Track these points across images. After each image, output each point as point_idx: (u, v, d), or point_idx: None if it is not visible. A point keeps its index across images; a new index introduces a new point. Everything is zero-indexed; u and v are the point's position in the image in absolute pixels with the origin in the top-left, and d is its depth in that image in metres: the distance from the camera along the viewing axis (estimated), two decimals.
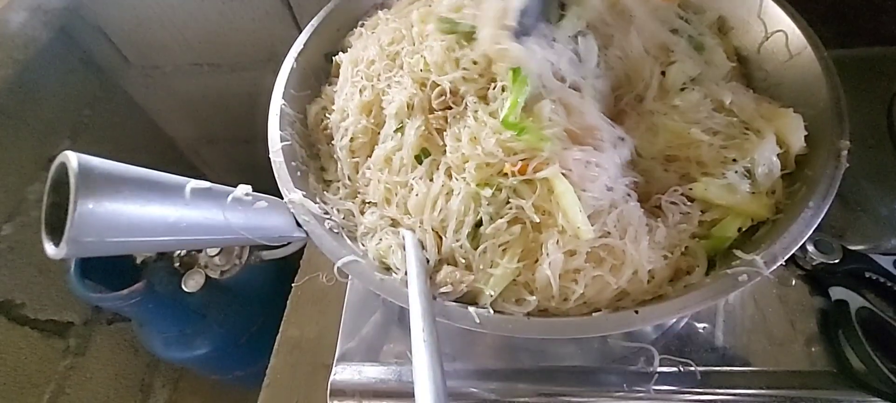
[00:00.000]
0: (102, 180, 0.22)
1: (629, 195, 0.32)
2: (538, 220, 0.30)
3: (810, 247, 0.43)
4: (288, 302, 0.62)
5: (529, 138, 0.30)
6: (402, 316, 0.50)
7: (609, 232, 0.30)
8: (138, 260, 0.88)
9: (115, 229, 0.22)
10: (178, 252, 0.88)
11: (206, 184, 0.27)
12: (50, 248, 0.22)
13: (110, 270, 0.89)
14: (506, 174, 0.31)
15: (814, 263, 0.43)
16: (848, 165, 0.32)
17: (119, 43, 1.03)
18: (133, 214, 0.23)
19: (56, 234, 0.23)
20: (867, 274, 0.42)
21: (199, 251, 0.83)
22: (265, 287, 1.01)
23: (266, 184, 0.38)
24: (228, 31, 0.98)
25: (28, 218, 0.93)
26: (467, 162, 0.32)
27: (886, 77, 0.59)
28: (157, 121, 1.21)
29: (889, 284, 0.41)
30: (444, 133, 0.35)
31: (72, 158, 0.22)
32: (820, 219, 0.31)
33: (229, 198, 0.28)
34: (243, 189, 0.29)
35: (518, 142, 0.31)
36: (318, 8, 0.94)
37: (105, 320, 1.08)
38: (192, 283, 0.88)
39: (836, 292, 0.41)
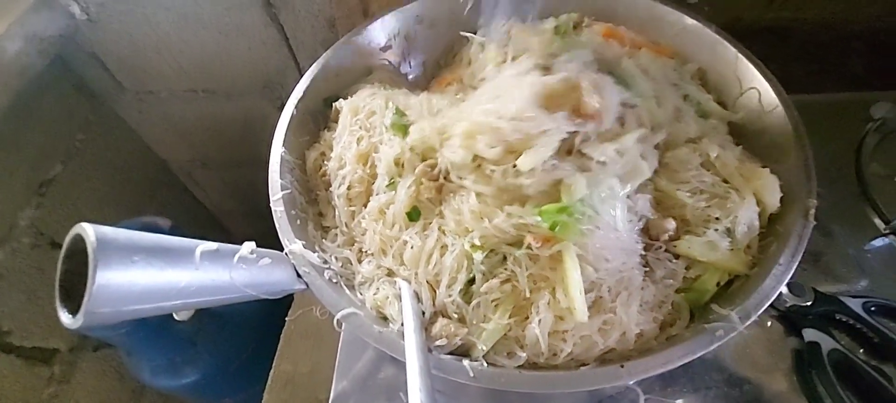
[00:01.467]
0: (118, 251, 0.23)
1: (636, 267, 0.34)
2: (529, 295, 0.32)
3: (784, 290, 0.46)
4: (281, 336, 0.62)
5: (561, 232, 0.31)
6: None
7: (602, 297, 0.32)
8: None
9: (130, 298, 0.23)
10: None
11: (214, 245, 0.28)
12: (66, 318, 0.23)
13: None
14: (519, 243, 0.32)
15: (787, 305, 0.45)
16: (815, 223, 0.35)
17: (114, 69, 1.04)
18: (147, 283, 0.24)
19: (70, 302, 0.24)
20: (838, 317, 0.44)
21: None
22: (257, 314, 1.01)
23: (259, 205, 0.39)
24: (224, 58, 1.00)
25: (18, 245, 0.92)
26: (470, 232, 0.33)
27: (854, 121, 0.62)
28: (151, 145, 1.21)
29: (859, 326, 0.44)
30: (437, 201, 0.36)
31: (89, 231, 0.23)
32: (790, 275, 0.33)
33: (236, 258, 0.29)
34: (248, 247, 0.31)
35: (533, 221, 0.32)
36: (315, 40, 0.97)
37: (91, 347, 1.06)
38: (182, 312, 0.88)
39: (809, 334, 0.43)
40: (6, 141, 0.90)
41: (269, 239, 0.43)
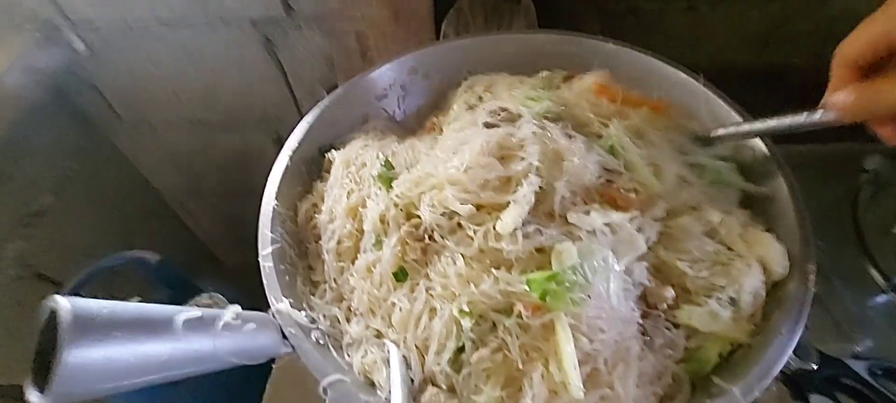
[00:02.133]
0: (92, 327, 0.22)
1: (633, 336, 0.33)
2: (522, 366, 0.30)
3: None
4: (267, 384, 0.60)
5: (552, 302, 0.30)
6: None
7: (598, 369, 0.31)
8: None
9: (106, 376, 0.22)
10: None
11: (198, 312, 0.27)
12: (33, 396, 0.22)
13: None
14: (508, 311, 0.31)
15: (792, 369, 0.44)
16: (815, 290, 0.34)
17: (111, 98, 1.04)
18: (125, 358, 0.23)
19: (41, 378, 0.22)
20: (843, 380, 0.43)
21: None
22: None
23: (251, 235, 0.38)
24: (221, 91, 1.00)
25: (4, 278, 0.90)
26: (456, 299, 0.32)
27: (847, 172, 0.63)
28: (145, 174, 1.20)
29: (865, 392, 0.42)
30: (423, 262, 0.36)
31: (63, 305, 0.22)
32: (794, 344, 0.32)
33: (220, 325, 0.28)
34: (232, 311, 0.29)
35: (521, 288, 0.31)
36: (312, 77, 0.97)
37: None
38: None
39: (816, 400, 0.42)
40: None
41: (258, 270, 0.41)
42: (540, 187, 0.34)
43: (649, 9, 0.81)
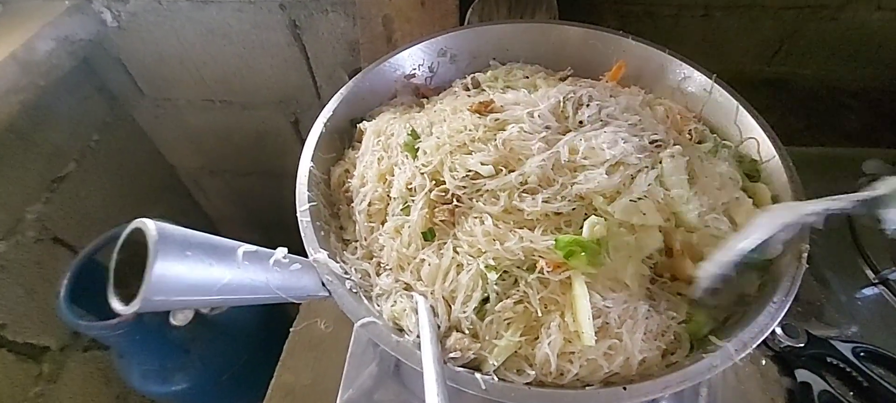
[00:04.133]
0: (173, 245, 0.25)
1: (640, 298, 0.36)
2: (541, 316, 0.34)
3: (779, 331, 0.48)
4: (285, 346, 0.63)
5: (574, 262, 0.34)
6: (397, 369, 0.52)
7: (608, 324, 0.34)
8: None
9: (181, 289, 0.25)
10: None
11: (254, 248, 0.30)
12: (117, 305, 0.25)
13: (97, 296, 0.88)
14: (531, 267, 0.35)
15: (782, 346, 0.47)
16: (808, 266, 0.37)
17: (136, 75, 1.07)
18: (196, 276, 0.26)
19: (121, 289, 0.25)
20: (829, 360, 0.46)
21: None
22: (252, 326, 1.01)
23: (258, 214, 0.40)
24: (245, 73, 1.03)
25: (24, 239, 0.93)
26: (482, 255, 0.36)
27: (847, 175, 0.66)
28: (162, 150, 1.23)
29: (849, 370, 0.46)
30: (451, 223, 0.39)
31: (150, 225, 0.25)
32: (784, 312, 0.35)
33: (271, 261, 0.31)
34: (282, 251, 0.32)
35: (544, 246, 0.35)
36: (335, 61, 1.00)
37: (81, 347, 1.05)
38: (180, 317, 0.88)
39: (801, 374, 0.45)
40: (25, 136, 0.92)
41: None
42: None
43: (666, 13, 0.85)
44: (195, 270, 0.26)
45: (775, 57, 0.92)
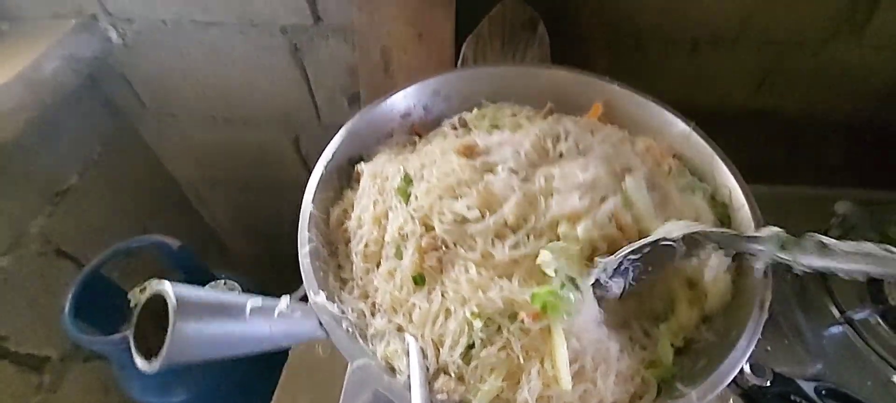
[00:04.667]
0: (190, 308, 0.28)
1: (610, 336, 0.40)
2: (522, 362, 0.37)
3: (747, 369, 0.51)
4: (283, 369, 0.65)
5: (551, 313, 0.37)
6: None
7: (584, 367, 0.37)
8: (132, 304, 0.90)
9: (197, 348, 0.28)
10: None
11: (259, 301, 0.33)
12: (141, 363, 0.28)
13: (103, 310, 0.91)
14: (513, 317, 0.38)
15: (749, 385, 0.50)
16: (769, 316, 0.40)
17: (140, 90, 1.09)
18: (210, 334, 0.28)
19: (143, 349, 0.28)
20: (793, 398, 0.49)
21: None
22: None
23: (258, 226, 0.43)
24: (247, 91, 1.06)
25: (27, 252, 0.95)
26: (467, 303, 0.39)
27: (821, 214, 0.69)
28: (164, 162, 1.25)
29: None
30: (439, 270, 0.42)
31: (169, 290, 0.27)
32: (746, 359, 0.39)
33: (276, 313, 0.34)
34: (285, 302, 0.35)
35: (523, 298, 0.38)
36: (334, 84, 1.03)
37: (82, 357, 1.07)
38: None
39: None
40: (29, 150, 0.94)
41: (264, 260, 0.47)
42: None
43: (655, 48, 0.88)
44: (209, 329, 0.29)
45: (759, 89, 0.95)
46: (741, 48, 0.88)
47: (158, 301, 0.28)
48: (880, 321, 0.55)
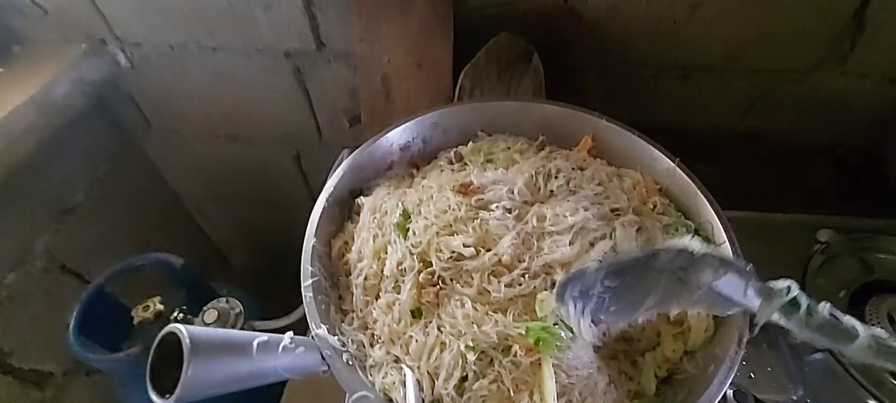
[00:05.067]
0: (202, 349, 0.30)
1: (600, 369, 0.42)
2: (513, 395, 0.39)
3: (730, 396, 0.53)
4: (284, 389, 0.67)
5: (543, 347, 0.39)
6: None
7: (571, 401, 0.39)
8: (135, 321, 0.92)
9: (207, 386, 0.30)
10: (175, 314, 0.93)
11: (265, 337, 0.35)
12: (156, 399, 0.30)
13: (105, 326, 0.92)
14: (506, 350, 0.40)
15: None
16: (751, 343, 0.43)
17: (146, 110, 1.12)
18: (220, 373, 0.31)
19: (157, 387, 0.30)
20: None
21: (195, 315, 0.88)
22: None
23: (260, 240, 0.44)
24: (250, 111, 1.09)
25: (32, 269, 0.97)
26: (462, 336, 0.41)
27: (805, 241, 0.72)
28: (167, 178, 1.28)
29: None
30: (436, 304, 0.44)
31: (184, 332, 0.30)
32: (724, 391, 0.41)
33: (280, 348, 0.36)
34: (288, 337, 0.38)
35: (516, 332, 0.40)
36: (336, 106, 1.06)
37: (83, 372, 1.09)
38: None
39: None
40: (37, 170, 0.97)
41: (264, 272, 0.49)
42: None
43: (647, 74, 0.91)
44: (219, 367, 0.31)
45: (747, 114, 0.98)
46: (729, 76, 0.91)
47: (172, 338, 0.30)
48: None
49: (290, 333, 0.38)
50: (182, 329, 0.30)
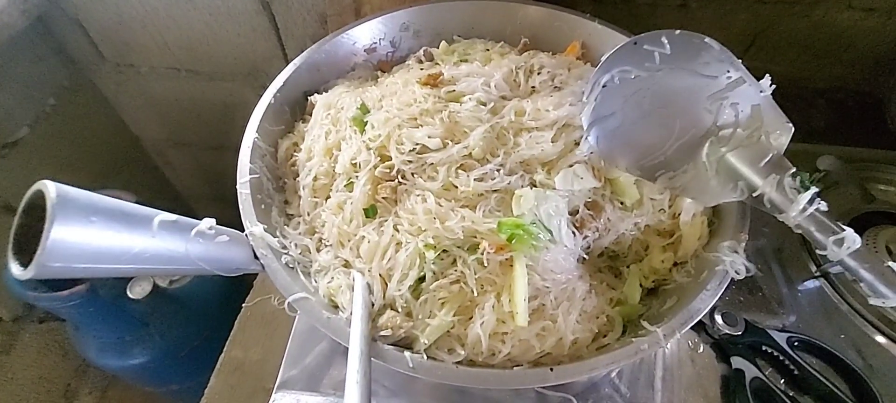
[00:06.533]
0: (77, 209, 0.23)
1: (581, 277, 0.36)
2: (476, 296, 0.34)
3: (718, 318, 0.49)
4: (236, 321, 0.62)
5: (517, 245, 0.34)
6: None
7: (544, 305, 0.34)
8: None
9: (83, 256, 0.24)
10: None
11: (174, 217, 0.29)
12: (16, 269, 0.23)
13: None
14: (473, 248, 0.34)
15: (720, 333, 0.48)
16: (745, 258, 0.38)
17: (96, 38, 1.02)
18: (101, 244, 0.24)
19: (23, 255, 0.24)
20: (764, 348, 0.48)
21: None
22: (213, 301, 0.99)
23: (229, 190, 0.39)
24: (212, 41, 0.99)
25: None
26: (423, 232, 0.35)
27: (805, 169, 0.67)
28: (125, 120, 1.19)
29: (782, 359, 0.47)
30: (393, 201, 0.38)
31: (50, 187, 0.23)
32: (715, 301, 0.36)
33: (193, 232, 0.30)
34: (207, 223, 0.31)
35: (487, 228, 0.34)
36: (304, 33, 0.97)
37: (36, 318, 1.02)
38: (138, 290, 0.87)
39: (736, 361, 0.46)
40: None
41: (234, 225, 0.43)
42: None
43: (643, 1, 0.84)
44: (101, 237, 0.25)
45: (748, 51, 0.92)
46: (731, 6, 0.84)
47: (42, 201, 0.24)
48: None
49: (212, 220, 0.32)
50: (50, 184, 0.24)
